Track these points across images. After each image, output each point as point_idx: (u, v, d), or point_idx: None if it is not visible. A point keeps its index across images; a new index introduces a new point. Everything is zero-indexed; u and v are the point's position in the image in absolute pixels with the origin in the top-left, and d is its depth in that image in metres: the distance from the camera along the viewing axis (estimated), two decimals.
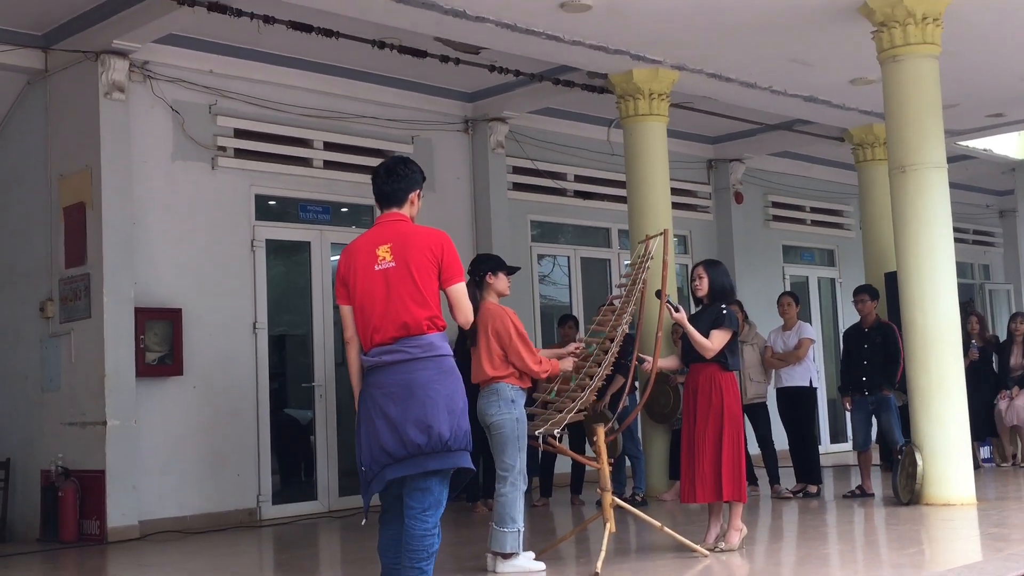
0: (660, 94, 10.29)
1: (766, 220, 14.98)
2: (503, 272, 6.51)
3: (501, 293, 6.50)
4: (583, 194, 12.68)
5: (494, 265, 6.51)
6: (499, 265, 6.54)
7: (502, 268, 6.53)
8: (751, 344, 9.87)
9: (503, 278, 6.49)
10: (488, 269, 6.46)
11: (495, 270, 6.47)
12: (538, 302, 12.27)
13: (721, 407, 6.58)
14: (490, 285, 6.43)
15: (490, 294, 6.42)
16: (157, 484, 9.00)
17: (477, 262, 6.56)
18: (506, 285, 6.52)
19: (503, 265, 6.57)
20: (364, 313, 4.76)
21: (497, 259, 6.68)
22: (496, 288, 6.46)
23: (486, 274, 6.42)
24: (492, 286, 6.44)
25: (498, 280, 6.47)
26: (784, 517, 8.66)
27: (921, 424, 8.48)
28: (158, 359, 9.08)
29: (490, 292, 6.42)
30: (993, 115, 12.80)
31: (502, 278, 6.49)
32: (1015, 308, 17.94)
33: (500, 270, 6.50)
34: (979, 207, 18.43)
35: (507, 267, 6.58)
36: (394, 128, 10.89)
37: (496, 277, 6.46)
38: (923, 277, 8.52)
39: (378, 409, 4.69)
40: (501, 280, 6.48)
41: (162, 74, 9.32)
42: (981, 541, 7.06)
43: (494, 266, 6.50)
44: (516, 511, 6.23)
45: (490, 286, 6.43)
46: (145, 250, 9.09)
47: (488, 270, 6.45)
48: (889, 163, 8.89)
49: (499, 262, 6.60)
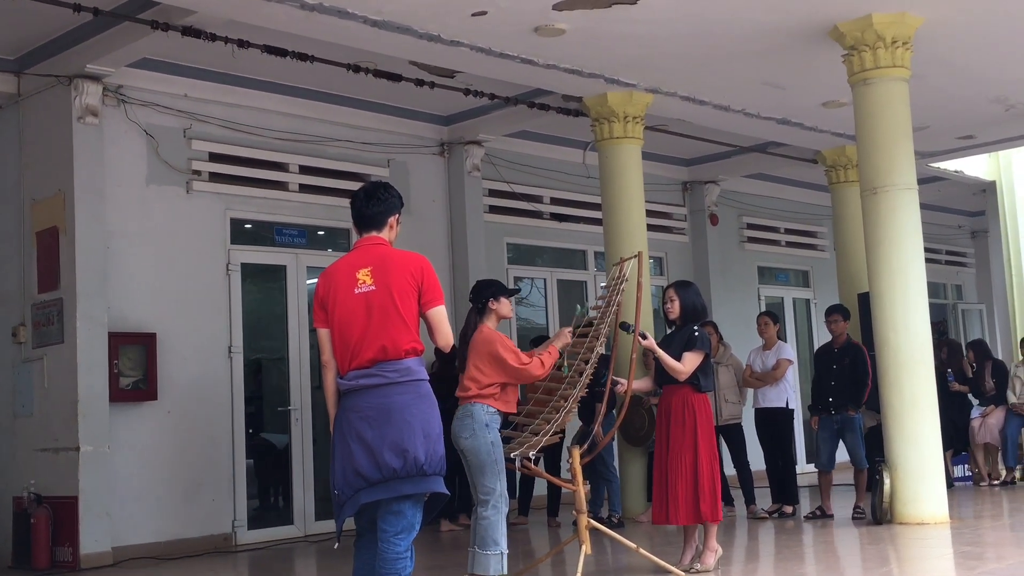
0: (634, 117, 10.35)
1: (741, 241, 15.07)
2: (504, 296, 6.52)
3: (504, 316, 6.50)
4: (559, 216, 12.73)
5: (495, 291, 6.50)
6: (500, 290, 6.54)
7: (504, 293, 6.54)
8: (726, 365, 9.92)
9: (505, 302, 6.49)
10: (491, 295, 6.47)
11: (496, 295, 6.47)
12: (515, 324, 12.27)
13: (695, 428, 6.61)
14: (493, 311, 6.43)
15: (491, 319, 6.42)
16: (131, 510, 8.93)
17: (479, 288, 6.55)
18: (509, 309, 6.53)
19: (504, 289, 6.58)
20: (343, 336, 4.76)
21: (498, 284, 6.67)
22: (500, 313, 6.46)
23: (488, 300, 6.43)
24: (495, 311, 6.43)
25: (501, 305, 6.47)
26: (760, 537, 8.68)
27: (894, 443, 8.53)
28: (132, 384, 9.03)
29: (491, 317, 6.43)
30: (963, 137, 12.94)
31: (505, 303, 6.49)
32: (987, 327, 18.12)
33: (502, 295, 6.51)
34: (951, 228, 18.60)
35: (508, 291, 6.60)
36: (370, 151, 10.91)
37: (499, 302, 6.46)
38: (895, 297, 8.59)
39: (354, 433, 4.68)
40: (504, 305, 6.48)
41: (136, 98, 9.31)
42: (954, 560, 7.10)
43: (495, 292, 6.49)
44: (499, 534, 6.21)
45: (492, 312, 6.43)
46: (119, 274, 9.05)
47: (491, 296, 6.46)
48: (860, 185, 8.98)
49: (501, 287, 6.60)
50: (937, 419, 8.56)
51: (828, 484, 9.43)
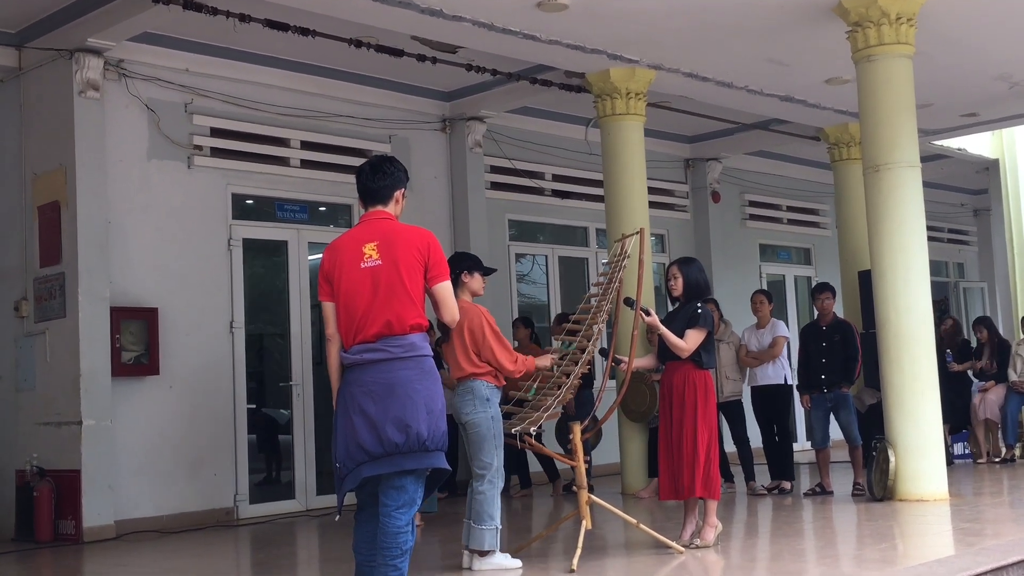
0: (637, 93, 10.32)
1: (743, 219, 15.05)
2: (479, 272, 6.53)
3: (475, 293, 6.52)
4: (561, 193, 12.71)
5: (470, 264, 6.52)
6: (476, 265, 6.56)
7: (479, 268, 6.55)
8: (727, 342, 9.92)
9: (478, 278, 6.51)
10: (464, 268, 6.48)
11: (471, 269, 6.49)
12: (516, 301, 12.28)
13: (695, 405, 6.62)
14: (465, 284, 6.45)
15: (464, 293, 6.43)
16: (133, 484, 8.97)
17: (454, 260, 6.56)
18: (480, 285, 6.55)
19: (480, 265, 6.59)
20: (348, 310, 4.77)
21: (474, 259, 6.70)
22: (471, 287, 6.48)
23: (462, 273, 6.43)
24: (467, 285, 6.46)
25: (473, 280, 6.49)
26: (759, 513, 8.72)
27: (895, 421, 8.55)
28: (134, 359, 9.05)
29: (464, 291, 6.43)
30: (967, 115, 12.90)
31: (477, 278, 6.51)
32: (989, 305, 18.12)
33: (476, 270, 6.52)
34: (954, 206, 18.57)
35: (484, 267, 6.60)
36: (371, 127, 10.88)
37: (472, 276, 6.48)
38: (897, 275, 8.59)
39: (357, 407, 4.70)
40: (476, 280, 6.50)
41: (137, 72, 9.28)
42: (954, 536, 7.13)
43: (470, 265, 6.51)
44: (494, 508, 6.27)
45: (465, 285, 6.45)
46: (121, 249, 9.06)
47: (464, 269, 6.47)
48: (863, 162, 8.95)
49: (476, 262, 6.62)
50: (937, 397, 8.57)
51: (826, 461, 9.45)
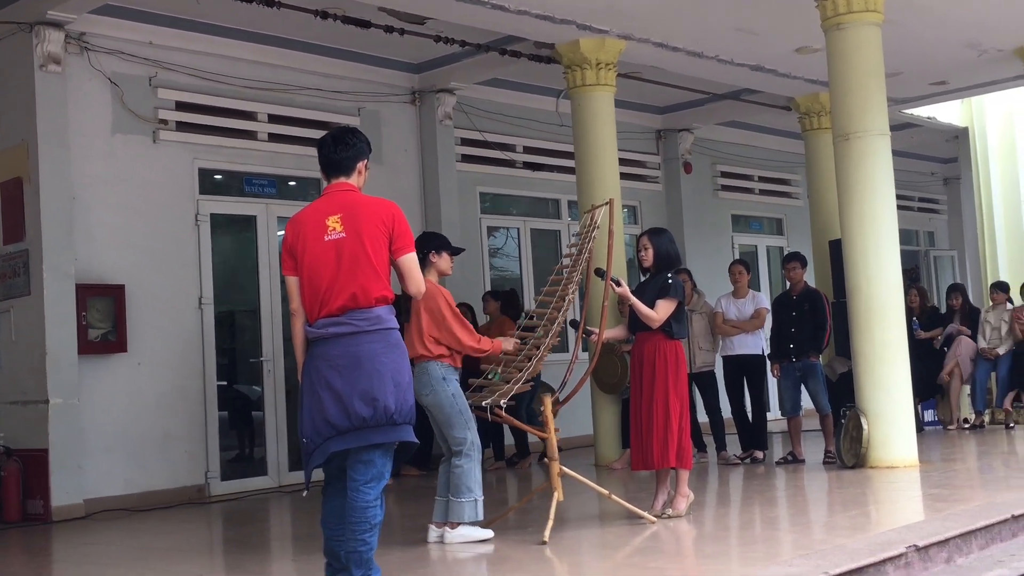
0: (607, 64, 10.26)
1: (715, 190, 15.04)
2: (447, 252, 6.47)
3: (443, 273, 6.48)
4: (532, 165, 12.64)
5: (439, 244, 6.47)
6: (443, 245, 6.51)
7: (447, 248, 6.50)
8: (699, 313, 9.92)
9: (447, 258, 6.47)
10: (432, 248, 6.42)
11: (439, 249, 6.44)
12: (488, 274, 12.24)
13: (666, 376, 6.61)
14: (433, 264, 6.39)
15: (431, 273, 6.37)
16: (103, 462, 8.89)
17: (422, 240, 6.50)
18: (448, 265, 6.51)
19: (448, 245, 6.54)
20: (312, 284, 4.71)
21: (442, 238, 6.66)
22: (438, 267, 6.43)
23: (429, 253, 6.37)
24: (435, 265, 6.40)
25: (441, 260, 6.44)
26: (731, 483, 8.75)
27: (865, 389, 8.58)
28: (101, 336, 8.95)
29: (431, 271, 6.38)
30: (936, 83, 12.91)
31: (445, 258, 6.46)
32: (959, 274, 18.23)
33: (444, 250, 6.47)
34: (924, 175, 18.64)
35: (452, 247, 6.55)
36: (340, 100, 10.77)
37: (440, 256, 6.43)
38: (867, 244, 8.60)
39: (323, 381, 4.65)
40: (444, 260, 6.46)
41: (100, 46, 9.13)
42: (923, 502, 7.18)
43: (438, 245, 6.46)
44: (473, 481, 6.27)
45: (432, 265, 6.39)
46: (85, 225, 8.94)
47: (432, 248, 6.41)
48: (833, 131, 8.95)
49: (444, 242, 6.57)
50: (907, 365, 8.62)
51: (798, 429, 9.49)
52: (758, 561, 5.30)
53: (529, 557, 5.86)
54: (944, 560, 5.48)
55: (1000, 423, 11.87)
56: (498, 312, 10.35)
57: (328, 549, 4.82)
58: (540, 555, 5.90)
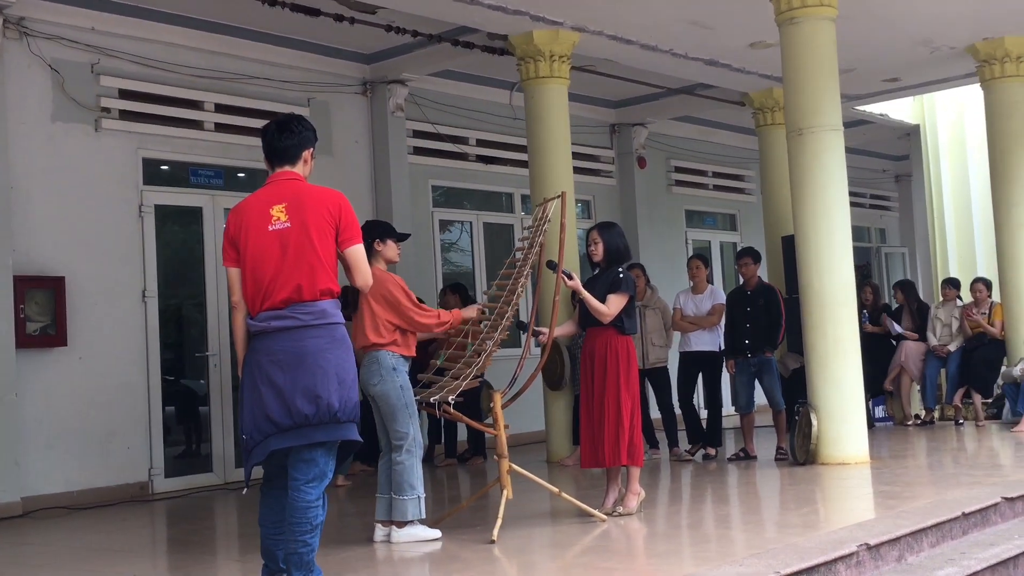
0: (561, 56, 10.16)
1: (669, 185, 15.01)
2: (392, 239, 6.36)
3: (390, 260, 6.36)
4: (485, 159, 12.52)
5: (382, 232, 6.35)
6: (388, 232, 6.39)
7: (391, 235, 6.38)
8: (653, 308, 9.86)
9: (392, 245, 6.35)
10: (376, 236, 6.29)
11: (383, 237, 6.31)
12: (440, 269, 12.10)
13: (617, 372, 6.53)
14: (378, 252, 6.27)
15: (378, 261, 6.25)
16: (42, 459, 8.65)
17: (365, 229, 6.35)
18: (395, 252, 6.39)
19: (392, 232, 6.43)
20: (255, 276, 4.57)
21: (386, 225, 6.54)
22: (385, 256, 6.31)
23: (374, 241, 6.24)
24: (380, 253, 6.28)
25: (387, 247, 6.32)
26: (683, 480, 8.70)
27: (817, 385, 8.56)
28: (40, 329, 8.70)
29: (378, 260, 6.25)
30: (889, 79, 12.97)
31: (391, 245, 6.34)
32: (910, 270, 18.37)
33: (389, 237, 6.35)
34: (876, 172, 18.75)
35: (396, 234, 6.43)
36: (289, 90, 10.57)
37: (384, 244, 6.31)
38: (820, 239, 8.58)
39: (264, 377, 4.52)
40: (390, 247, 6.34)
41: (39, 31, 8.86)
42: (874, 499, 7.16)
43: (382, 233, 6.33)
44: (415, 478, 6.16)
45: (378, 253, 6.26)
46: (24, 216, 8.68)
47: (376, 237, 6.28)
48: (786, 126, 8.92)
49: (387, 228, 6.46)
50: (859, 361, 8.61)
51: (750, 426, 9.45)
52: (710, 560, 5.22)
53: (477, 557, 5.75)
54: (895, 559, 5.45)
55: (950, 419, 11.93)
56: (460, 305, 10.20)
57: (265, 549, 4.68)
58: (488, 555, 5.80)
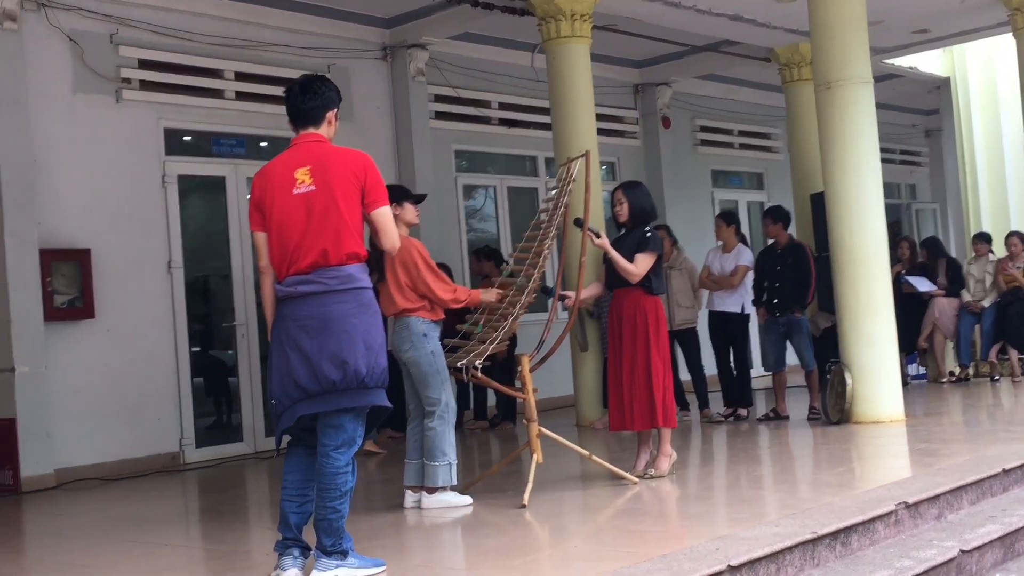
0: (582, 15, 10.00)
1: (694, 145, 14.84)
2: (409, 202, 6.28)
3: (410, 223, 6.29)
4: (508, 122, 12.40)
5: (399, 196, 6.26)
6: (404, 195, 6.31)
7: (408, 198, 6.31)
8: (679, 269, 9.75)
9: (410, 207, 6.28)
10: (392, 200, 6.18)
11: (399, 200, 6.23)
12: (465, 235, 12.02)
13: (647, 332, 6.44)
14: (397, 217, 6.17)
15: (398, 226, 6.17)
16: (73, 431, 8.68)
17: None
18: (414, 215, 6.32)
19: (408, 194, 6.35)
20: (281, 240, 4.52)
21: (401, 188, 6.46)
22: (403, 219, 6.23)
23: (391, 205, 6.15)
24: (400, 217, 6.19)
25: (405, 211, 6.25)
26: (714, 441, 8.63)
27: (850, 343, 8.45)
28: (68, 302, 8.71)
29: (398, 224, 6.17)
30: (919, 31, 12.72)
31: (409, 208, 6.27)
32: (941, 226, 18.13)
33: (406, 200, 6.28)
34: (905, 127, 18.47)
35: (413, 196, 6.35)
36: (309, 56, 10.48)
37: (402, 208, 6.23)
38: (850, 194, 8.43)
39: (292, 342, 4.48)
40: (408, 210, 6.27)
41: (58, 2, 8.81)
42: (910, 457, 7.06)
43: (398, 196, 6.24)
44: (447, 444, 6.13)
45: (397, 218, 6.17)
46: (48, 189, 8.67)
47: (392, 201, 6.17)
48: (814, 79, 8.76)
49: (403, 191, 6.39)
50: (892, 318, 8.48)
51: (782, 385, 9.35)
52: (744, 521, 5.15)
53: (508, 521, 5.71)
54: (934, 516, 5.36)
55: (985, 376, 11.78)
56: (495, 271, 10.09)
57: (282, 515, 4.56)
58: (519, 519, 5.75)
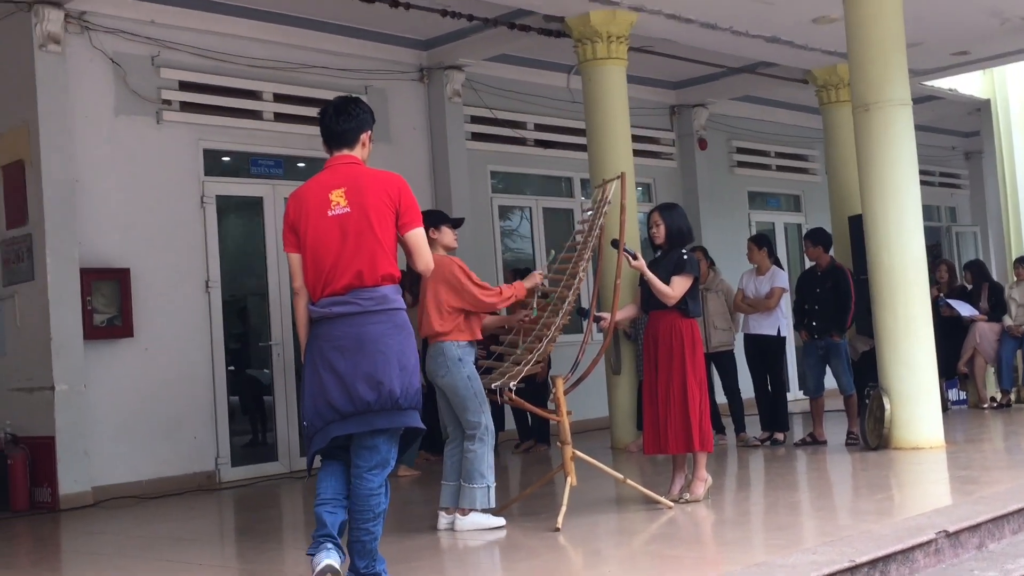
0: (618, 37, 10.01)
1: (731, 166, 14.78)
2: (447, 226, 6.31)
3: (448, 247, 6.33)
4: (544, 143, 12.41)
5: (437, 220, 6.30)
6: (441, 219, 6.35)
7: (446, 222, 6.34)
8: (715, 291, 9.69)
9: (448, 231, 6.31)
10: (430, 225, 6.23)
11: (437, 224, 6.26)
12: (500, 255, 12.04)
13: (683, 355, 6.41)
14: (435, 241, 6.22)
15: (436, 249, 6.20)
16: (110, 449, 8.75)
17: None
18: (452, 239, 6.36)
19: (446, 219, 6.39)
20: (315, 261, 4.54)
21: (438, 213, 6.52)
22: (442, 243, 6.28)
23: (428, 230, 6.18)
24: (437, 241, 6.24)
25: (443, 235, 6.28)
26: (751, 465, 8.55)
27: (889, 367, 8.36)
28: (107, 320, 8.80)
29: (436, 248, 6.20)
30: (958, 53, 12.60)
31: (447, 232, 6.30)
32: (982, 249, 17.92)
33: (444, 224, 6.30)
34: (945, 149, 18.31)
35: (451, 220, 6.38)
36: (347, 78, 10.56)
37: (440, 232, 6.26)
38: (889, 216, 8.36)
39: (326, 362, 4.49)
40: (446, 234, 6.30)
41: (100, 25, 8.94)
42: (951, 485, 6.96)
43: (435, 221, 6.28)
44: (485, 467, 6.12)
45: (435, 242, 6.22)
46: (89, 209, 8.77)
47: (431, 226, 6.23)
48: (853, 101, 8.70)
49: (442, 216, 6.43)
50: (932, 341, 8.38)
51: (819, 410, 9.25)
52: (781, 548, 5.09)
53: (542, 544, 5.68)
54: (975, 546, 5.27)
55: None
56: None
57: (317, 519, 4.54)
58: (553, 542, 5.72)
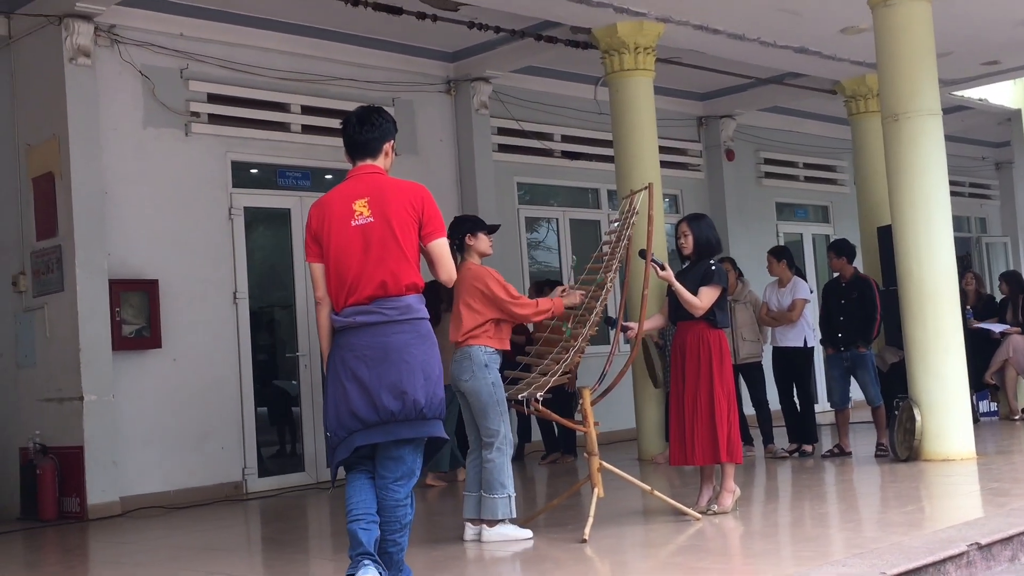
0: (646, 48, 10.00)
1: (758, 177, 14.72)
2: (483, 232, 6.28)
3: (483, 254, 6.28)
4: (570, 154, 12.41)
5: (472, 226, 6.28)
6: (478, 225, 6.31)
7: (481, 228, 6.31)
8: (744, 303, 9.64)
9: (483, 238, 6.28)
10: (467, 231, 6.23)
11: (474, 231, 6.25)
12: (527, 266, 12.03)
13: (711, 366, 6.37)
14: (471, 247, 6.21)
15: (471, 256, 6.20)
16: (139, 459, 8.80)
17: (455, 224, 6.31)
18: (488, 245, 6.31)
19: (482, 225, 6.35)
20: (339, 271, 4.55)
21: (475, 219, 6.46)
22: (477, 249, 6.24)
23: (465, 236, 6.19)
24: (473, 248, 6.23)
25: (479, 241, 6.25)
26: (779, 477, 8.48)
27: (918, 378, 8.28)
28: (135, 332, 8.85)
29: (471, 254, 6.21)
30: (988, 63, 12.50)
31: (482, 238, 6.27)
32: (1012, 260, 17.75)
33: (480, 230, 6.28)
34: (975, 159, 18.16)
35: (487, 226, 6.36)
36: (374, 90, 10.60)
37: (476, 238, 6.24)
38: (918, 227, 8.29)
39: (349, 372, 4.49)
40: (482, 241, 6.26)
41: (130, 38, 9.02)
42: (982, 496, 6.87)
43: (472, 227, 6.27)
44: (505, 476, 6.09)
45: (471, 248, 6.21)
46: (118, 220, 8.84)
47: (467, 232, 6.23)
48: (882, 112, 8.65)
49: (477, 222, 6.38)
50: (963, 353, 8.30)
51: (845, 422, 9.18)
52: (809, 560, 5.04)
53: (569, 556, 5.65)
54: (1008, 559, 5.20)
55: None
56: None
57: (351, 537, 4.49)
58: (580, 554, 5.69)
